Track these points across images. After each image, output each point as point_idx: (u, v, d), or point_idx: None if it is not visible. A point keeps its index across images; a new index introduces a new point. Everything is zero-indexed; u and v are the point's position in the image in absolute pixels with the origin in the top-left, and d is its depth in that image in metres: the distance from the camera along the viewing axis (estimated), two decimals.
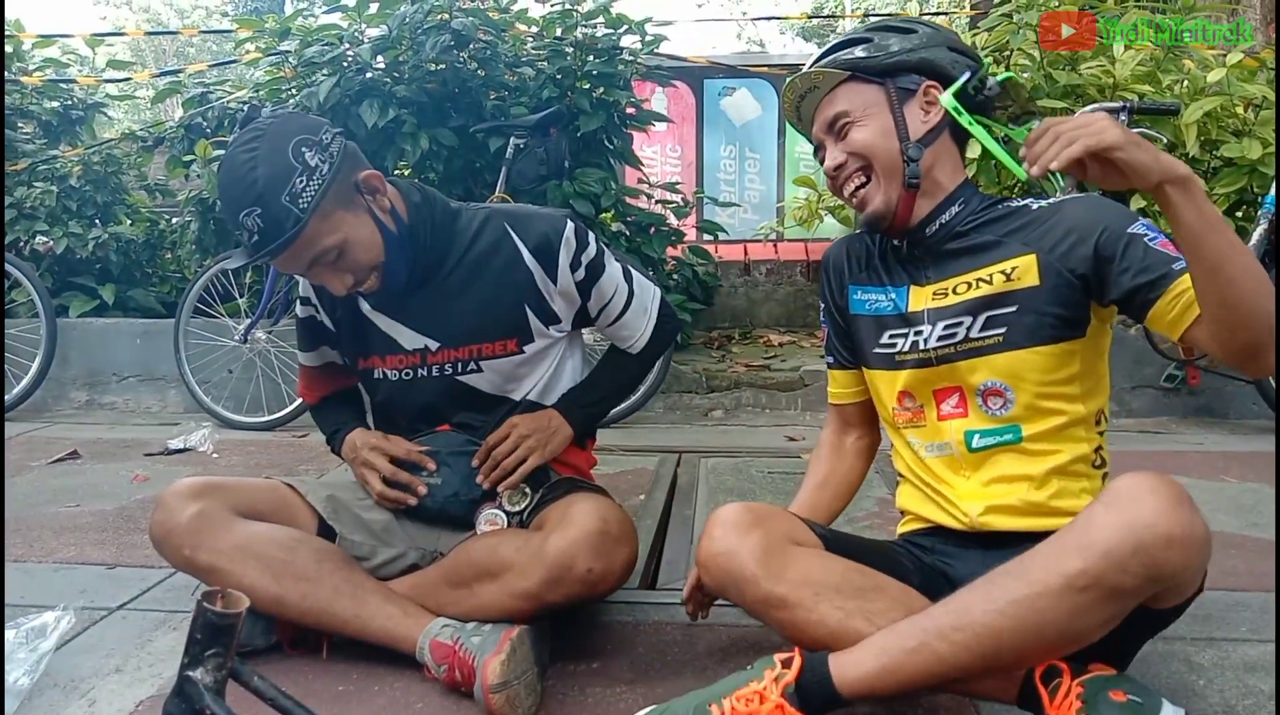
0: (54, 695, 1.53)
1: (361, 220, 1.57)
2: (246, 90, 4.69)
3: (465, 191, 4.17)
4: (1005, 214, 1.43)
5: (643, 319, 1.83)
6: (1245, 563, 2.07)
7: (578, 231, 1.70)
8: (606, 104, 4.19)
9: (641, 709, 1.39)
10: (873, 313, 1.53)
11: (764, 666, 1.24)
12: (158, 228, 5.02)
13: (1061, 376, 1.38)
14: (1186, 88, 3.87)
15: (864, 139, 1.43)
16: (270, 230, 1.47)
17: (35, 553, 2.23)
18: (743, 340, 4.99)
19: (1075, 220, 1.35)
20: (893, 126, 1.42)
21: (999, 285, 1.38)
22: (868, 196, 1.45)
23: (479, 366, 1.71)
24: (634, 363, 1.88)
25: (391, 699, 1.49)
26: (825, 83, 1.45)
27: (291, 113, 1.74)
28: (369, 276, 1.59)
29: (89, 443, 3.47)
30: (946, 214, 1.44)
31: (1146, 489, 1.11)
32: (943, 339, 1.42)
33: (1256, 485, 2.66)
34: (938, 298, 1.44)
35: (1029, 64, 4.02)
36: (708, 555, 1.34)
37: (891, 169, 1.42)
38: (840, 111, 1.44)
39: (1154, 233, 1.30)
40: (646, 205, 4.65)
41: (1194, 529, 1.09)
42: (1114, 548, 1.09)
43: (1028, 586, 1.13)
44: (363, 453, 1.73)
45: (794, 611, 1.27)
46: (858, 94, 1.44)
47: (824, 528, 1.45)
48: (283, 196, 1.46)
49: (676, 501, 2.66)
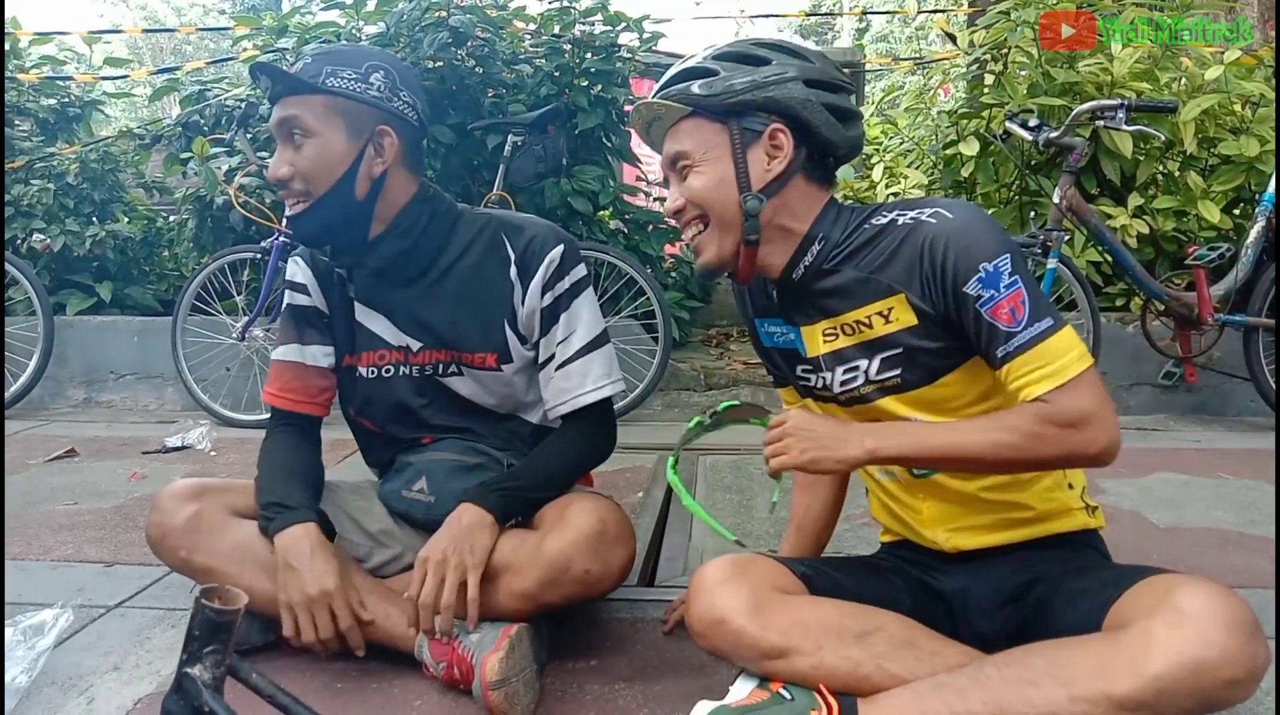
0: (52, 693, 1.53)
1: (343, 148, 1.57)
2: (244, 88, 4.69)
3: (463, 189, 4.17)
4: (870, 240, 1.32)
5: (588, 381, 1.65)
6: (1243, 560, 2.08)
7: (566, 255, 1.66)
8: (604, 101, 4.20)
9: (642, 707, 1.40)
10: (782, 345, 1.48)
11: (809, 706, 1.20)
12: (155, 225, 5.02)
13: (974, 396, 1.32)
14: (1184, 85, 3.88)
15: (699, 188, 1.33)
16: (281, 78, 1.56)
17: (33, 551, 2.23)
18: (740, 338, 4.99)
19: (924, 260, 1.25)
20: (732, 175, 1.32)
21: (879, 328, 1.31)
22: (701, 245, 1.37)
23: (460, 370, 1.68)
24: (561, 454, 1.67)
25: (390, 697, 1.49)
26: (668, 115, 1.36)
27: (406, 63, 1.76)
28: (300, 190, 1.58)
29: (86, 441, 3.47)
30: (808, 257, 1.35)
31: (1218, 621, 1.04)
32: (845, 383, 1.38)
33: (1254, 482, 2.66)
34: (828, 340, 1.38)
35: (1027, 61, 4.02)
36: (700, 623, 1.29)
37: (728, 222, 1.33)
38: (680, 150, 1.35)
39: (990, 289, 1.20)
40: (645, 203, 4.66)
41: (1258, 667, 1.03)
42: (1170, 685, 1.03)
43: (1070, 703, 1.07)
44: (313, 591, 1.47)
45: (793, 660, 1.23)
46: (699, 132, 1.34)
47: (806, 565, 1.41)
48: (326, 67, 1.56)
49: (674, 500, 2.66)
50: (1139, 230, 3.70)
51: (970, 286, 1.21)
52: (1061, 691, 1.08)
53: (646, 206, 4.61)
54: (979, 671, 1.16)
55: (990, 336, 1.21)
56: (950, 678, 1.17)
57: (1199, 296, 3.38)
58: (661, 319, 3.64)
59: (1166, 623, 1.06)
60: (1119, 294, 3.86)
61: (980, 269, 1.21)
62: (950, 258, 1.22)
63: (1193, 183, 3.75)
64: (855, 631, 1.26)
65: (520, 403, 1.73)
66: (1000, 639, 1.30)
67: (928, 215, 1.27)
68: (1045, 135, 3.31)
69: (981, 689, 1.14)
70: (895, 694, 1.20)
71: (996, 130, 3.79)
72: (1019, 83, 3.96)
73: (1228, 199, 3.82)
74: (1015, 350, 1.20)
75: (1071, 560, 1.35)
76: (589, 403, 1.65)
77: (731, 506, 2.54)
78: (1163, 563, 2.03)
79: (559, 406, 1.66)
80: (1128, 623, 1.11)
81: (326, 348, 1.74)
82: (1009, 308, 1.20)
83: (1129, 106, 3.17)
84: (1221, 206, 3.74)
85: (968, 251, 1.22)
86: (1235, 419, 3.68)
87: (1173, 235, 3.80)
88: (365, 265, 1.66)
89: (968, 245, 1.22)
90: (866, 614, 1.29)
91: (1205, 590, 1.08)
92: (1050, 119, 3.62)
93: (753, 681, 1.27)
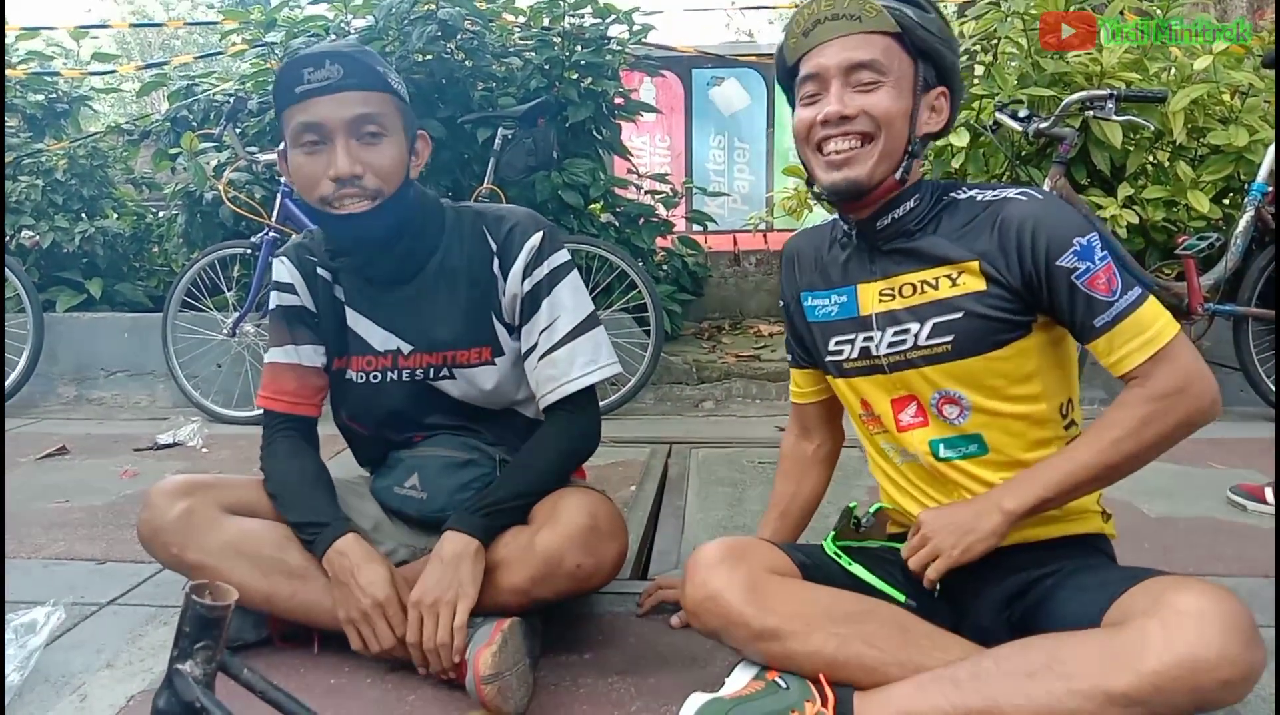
0: (45, 691, 1.53)
1: (405, 149, 1.58)
2: (232, 82, 4.67)
3: (453, 183, 4.16)
4: (951, 210, 1.35)
5: (574, 367, 1.62)
6: (1234, 548, 2.09)
7: (544, 241, 1.64)
8: (595, 94, 4.19)
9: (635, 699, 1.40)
10: (823, 319, 1.48)
11: (803, 697, 1.21)
12: (144, 221, 5.00)
13: (1017, 376, 1.33)
14: (1174, 75, 3.88)
15: (887, 108, 1.29)
16: (355, 69, 1.50)
17: (25, 549, 2.22)
18: (733, 331, 4.99)
19: (1011, 232, 1.27)
20: (911, 108, 1.31)
21: (945, 290, 1.32)
22: (856, 159, 1.30)
23: (452, 373, 1.67)
24: (545, 453, 1.63)
25: (384, 692, 1.49)
26: (868, 22, 1.28)
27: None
28: (372, 188, 1.53)
29: (77, 438, 3.46)
30: (900, 209, 1.35)
31: (1216, 622, 1.05)
32: (893, 346, 1.38)
33: (1245, 471, 2.67)
34: (884, 300, 1.38)
35: (1016, 52, 4.02)
36: (695, 601, 1.30)
37: (894, 150, 1.31)
38: (874, 61, 1.28)
39: (1086, 262, 1.24)
40: (635, 196, 4.64)
41: (1254, 668, 1.05)
42: (1166, 683, 1.04)
43: (1067, 696, 1.08)
44: (366, 604, 1.47)
45: (787, 642, 1.24)
46: (892, 56, 1.29)
47: (804, 553, 1.42)
48: (379, 64, 1.53)
49: (668, 492, 2.67)
50: (1129, 221, 3.71)
51: (1065, 259, 1.24)
52: (1059, 685, 1.09)
53: (638, 199, 4.60)
54: (977, 665, 1.17)
55: (1088, 307, 1.25)
56: (948, 671, 1.18)
57: (1189, 286, 3.39)
58: (653, 312, 3.64)
59: (1165, 622, 1.07)
60: None
61: (1075, 243, 1.25)
62: (1044, 233, 1.26)
63: (1182, 173, 3.76)
64: (846, 611, 1.27)
65: (512, 400, 1.72)
66: (1001, 633, 1.31)
67: (1014, 194, 1.31)
68: (1035, 126, 3.32)
69: (979, 682, 1.15)
70: (893, 686, 1.21)
71: (986, 121, 3.79)
72: (1008, 73, 3.96)
73: (1217, 189, 3.82)
74: (1114, 318, 1.24)
75: (1080, 559, 1.36)
76: (577, 390, 1.63)
77: (724, 499, 2.54)
78: (1154, 551, 2.06)
79: (546, 395, 1.64)
80: (1127, 620, 1.12)
81: (319, 347, 1.72)
82: (1105, 278, 1.24)
83: (1118, 96, 3.17)
84: (1211, 196, 3.74)
85: (1060, 228, 1.26)
86: (1226, 409, 3.67)
87: (1162, 225, 3.80)
88: (361, 267, 1.65)
89: (1060, 223, 1.26)
90: (859, 600, 1.31)
91: (1205, 592, 1.09)
92: (1040, 110, 3.63)
93: (750, 672, 1.28)
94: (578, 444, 1.67)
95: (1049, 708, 1.09)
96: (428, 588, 1.45)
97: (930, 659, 1.22)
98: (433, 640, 1.43)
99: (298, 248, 1.73)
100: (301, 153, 1.53)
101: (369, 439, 1.77)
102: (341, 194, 1.52)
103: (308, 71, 1.48)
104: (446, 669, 1.44)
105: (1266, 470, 2.66)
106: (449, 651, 1.42)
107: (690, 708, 1.20)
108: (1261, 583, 1.87)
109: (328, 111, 1.50)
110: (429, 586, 1.45)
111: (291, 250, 1.73)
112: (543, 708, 1.44)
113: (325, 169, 1.51)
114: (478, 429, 1.72)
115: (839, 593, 1.31)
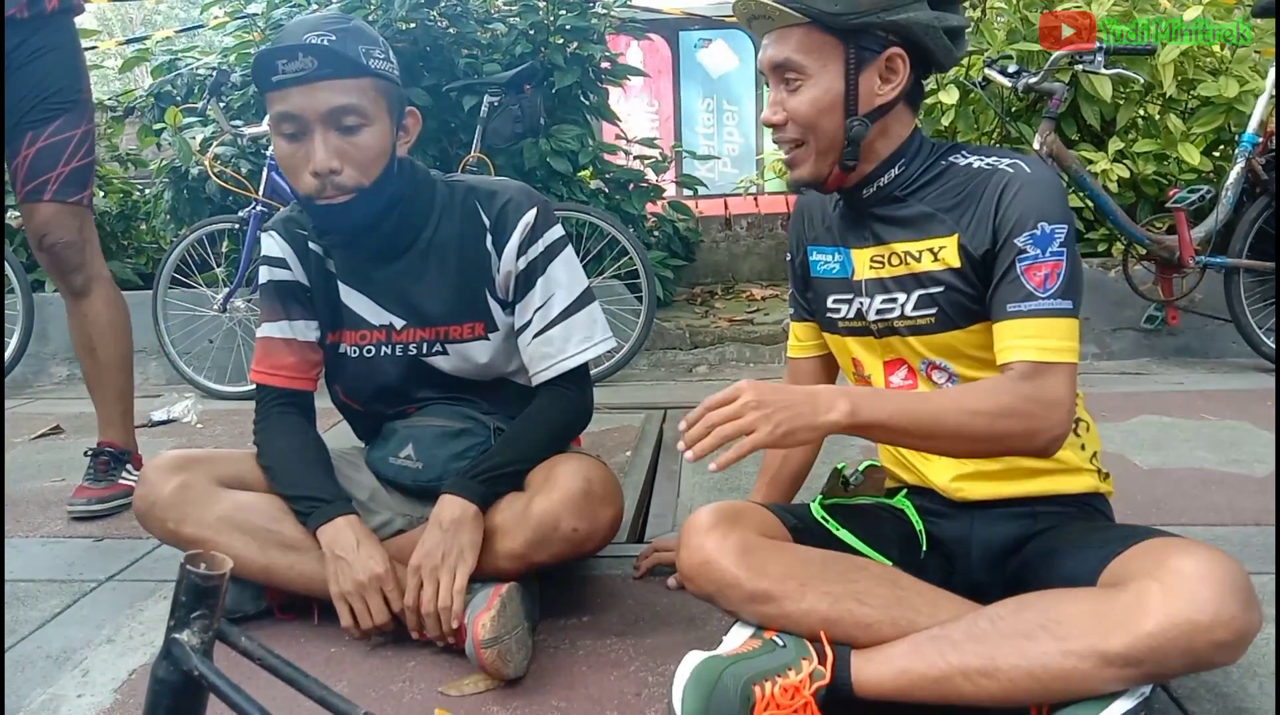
0: (47, 666, 1.54)
1: (388, 133, 1.55)
2: (215, 55, 4.61)
3: (440, 152, 4.13)
4: (946, 176, 1.33)
5: (570, 345, 1.63)
6: (1225, 497, 2.11)
7: (539, 217, 1.63)
8: (581, 59, 4.14)
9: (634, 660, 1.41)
10: (825, 274, 1.48)
11: (799, 655, 1.21)
12: (131, 199, 4.95)
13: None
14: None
15: (806, 107, 1.29)
16: (329, 59, 1.45)
17: (22, 528, 2.23)
18: (725, 295, 4.98)
19: (992, 202, 1.26)
20: (841, 95, 1.28)
21: (927, 264, 1.32)
22: (795, 161, 1.34)
23: (445, 349, 1.67)
24: (540, 425, 1.63)
25: (384, 659, 1.50)
26: (779, 19, 1.28)
27: None
28: (349, 186, 1.51)
29: (71, 417, 3.45)
30: (885, 177, 1.34)
31: (1211, 583, 1.05)
32: (880, 312, 1.38)
33: (1235, 422, 2.69)
34: (875, 266, 1.38)
35: (1005, 7, 3.99)
36: (690, 566, 1.30)
37: (829, 146, 1.31)
38: (790, 60, 1.28)
39: (1037, 248, 1.22)
40: (625, 161, 4.61)
41: (1250, 629, 1.05)
42: (1161, 643, 1.05)
43: (1063, 656, 1.09)
44: (363, 577, 1.48)
45: (782, 604, 1.24)
46: (812, 45, 1.27)
47: (796, 516, 1.42)
48: (359, 45, 1.48)
49: (662, 457, 2.68)
50: (1119, 175, 3.70)
51: (1020, 238, 1.23)
52: (1055, 645, 1.10)
53: (627, 165, 4.56)
54: (973, 624, 1.17)
55: (1010, 290, 1.23)
56: (944, 630, 1.18)
57: (1180, 239, 3.38)
58: (645, 278, 3.62)
59: (1162, 583, 1.07)
60: (1100, 239, 3.87)
61: (1038, 227, 1.22)
62: (1015, 206, 1.24)
63: (1172, 125, 3.75)
64: (838, 570, 1.28)
65: (505, 371, 1.72)
66: (996, 588, 1.31)
67: (1006, 164, 1.28)
68: (1024, 81, 3.30)
69: (975, 641, 1.15)
70: (890, 645, 1.21)
71: (975, 77, 3.77)
72: (997, 29, 3.93)
73: (1208, 141, 3.81)
74: (1029, 312, 1.21)
75: (1076, 517, 1.36)
76: (571, 368, 1.63)
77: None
78: (1145, 504, 2.07)
79: (541, 373, 1.64)
80: (1124, 581, 1.12)
81: (312, 322, 1.72)
82: (1044, 272, 1.22)
83: (1108, 50, 3.15)
84: (1201, 149, 3.73)
85: (1032, 206, 1.23)
86: (1218, 360, 3.70)
87: (1153, 179, 3.79)
88: (350, 244, 1.64)
89: (1035, 201, 1.23)
90: (850, 559, 1.31)
91: (1202, 553, 1.09)
92: (1029, 65, 3.60)
93: (747, 631, 1.29)
94: (570, 418, 1.68)
95: (1044, 667, 1.10)
96: (428, 552, 1.46)
97: (922, 616, 1.22)
98: (433, 605, 1.44)
99: (286, 221, 1.71)
100: (282, 140, 1.52)
101: (362, 414, 1.77)
102: (314, 187, 1.51)
103: (281, 63, 1.45)
104: (446, 634, 1.45)
105: (1258, 420, 2.68)
106: (449, 615, 1.43)
107: (687, 666, 1.21)
108: (1253, 531, 1.89)
109: (303, 103, 1.47)
110: (429, 551, 1.46)
111: (280, 224, 1.71)
112: (543, 670, 1.45)
113: (305, 161, 1.50)
114: (472, 398, 1.72)
115: (830, 553, 1.32)
